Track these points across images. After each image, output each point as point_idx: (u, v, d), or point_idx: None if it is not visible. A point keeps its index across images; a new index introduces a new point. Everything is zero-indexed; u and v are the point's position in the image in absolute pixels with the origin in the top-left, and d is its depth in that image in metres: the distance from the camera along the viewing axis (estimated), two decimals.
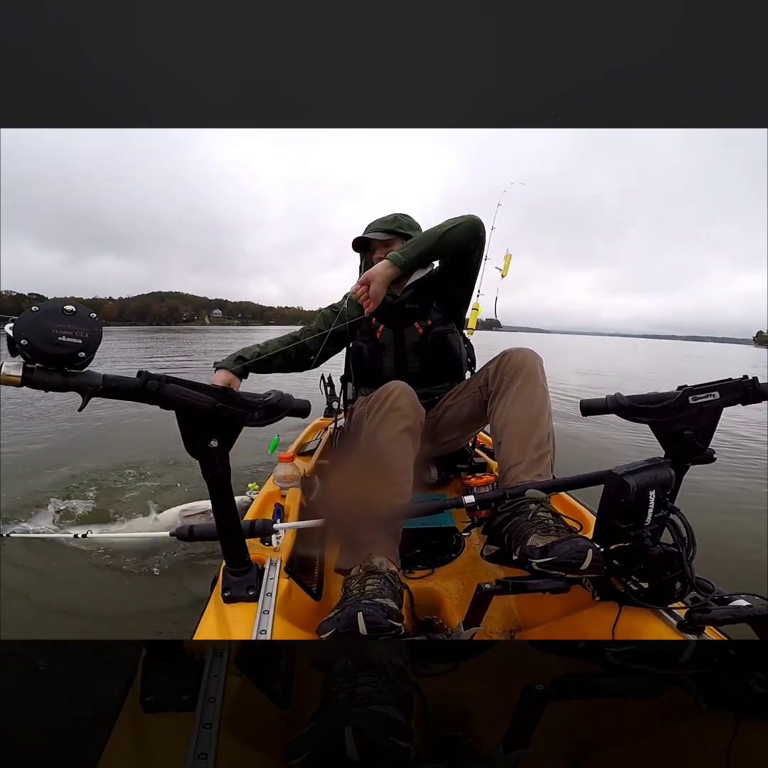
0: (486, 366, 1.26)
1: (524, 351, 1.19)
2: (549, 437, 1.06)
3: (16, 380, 0.55)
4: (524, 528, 0.81)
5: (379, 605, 0.73)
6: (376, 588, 0.78)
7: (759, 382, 0.78)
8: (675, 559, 0.70)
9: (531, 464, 1.00)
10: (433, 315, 1.46)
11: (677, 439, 0.80)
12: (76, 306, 0.57)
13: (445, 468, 1.54)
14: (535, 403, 1.09)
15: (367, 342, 1.49)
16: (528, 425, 1.06)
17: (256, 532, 0.89)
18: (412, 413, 1.10)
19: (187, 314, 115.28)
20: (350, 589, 0.81)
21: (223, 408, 0.67)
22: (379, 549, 0.89)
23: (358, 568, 0.85)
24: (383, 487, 0.99)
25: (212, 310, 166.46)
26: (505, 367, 1.17)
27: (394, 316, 1.47)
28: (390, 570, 0.84)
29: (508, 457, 1.04)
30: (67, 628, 1.39)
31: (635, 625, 0.73)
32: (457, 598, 1.10)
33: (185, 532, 0.87)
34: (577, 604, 0.87)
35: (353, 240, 1.50)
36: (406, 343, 1.46)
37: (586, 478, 0.91)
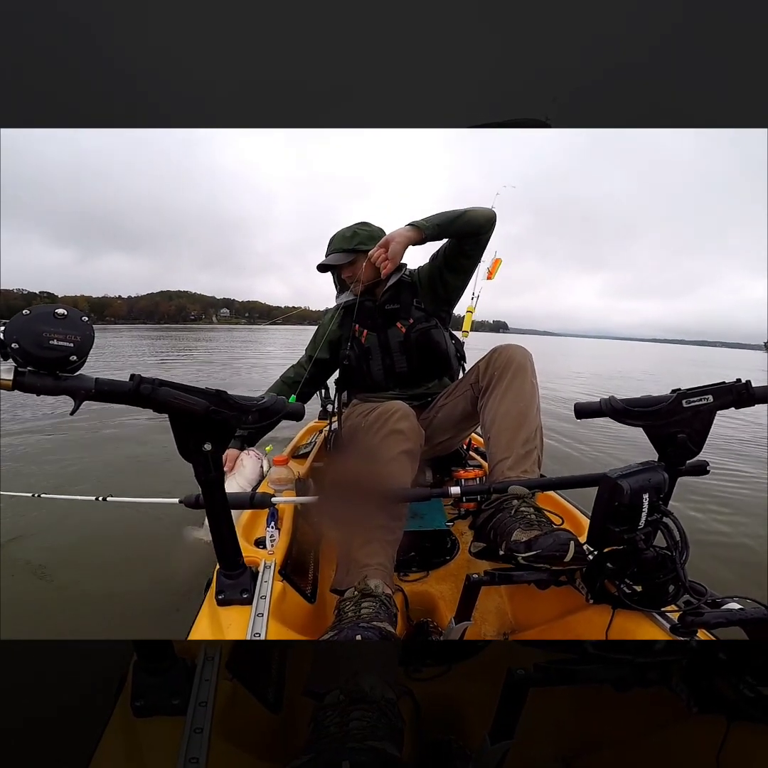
0: (477, 363, 1.27)
1: (514, 347, 1.20)
2: (537, 433, 1.08)
3: (8, 384, 0.55)
4: (508, 524, 0.83)
5: (377, 629, 0.73)
6: (373, 611, 0.78)
7: (752, 385, 0.78)
8: (668, 563, 0.70)
9: (518, 460, 1.02)
10: (415, 313, 1.47)
11: (671, 442, 0.80)
12: (68, 309, 0.57)
13: (439, 470, 1.54)
14: (523, 398, 1.11)
15: (353, 348, 1.50)
16: (516, 420, 1.08)
17: (255, 504, 0.92)
18: (412, 436, 1.11)
19: (195, 313, 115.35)
20: (345, 611, 0.80)
21: (217, 411, 0.67)
22: (374, 571, 0.88)
23: (353, 590, 0.84)
24: (379, 507, 0.99)
25: (220, 310, 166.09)
26: (495, 363, 1.19)
27: (375, 319, 1.49)
28: (386, 593, 0.84)
29: (496, 452, 1.06)
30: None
31: (628, 628, 0.73)
32: (451, 600, 1.10)
33: (192, 500, 0.87)
34: (570, 606, 0.87)
35: (317, 265, 1.54)
36: (391, 344, 1.47)
37: (574, 479, 0.92)
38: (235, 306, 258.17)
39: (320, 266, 1.54)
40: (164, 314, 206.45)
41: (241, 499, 0.92)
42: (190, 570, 1.63)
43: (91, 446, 3.58)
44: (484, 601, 1.10)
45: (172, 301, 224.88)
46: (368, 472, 1.03)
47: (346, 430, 1.48)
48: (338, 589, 0.90)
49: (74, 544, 1.93)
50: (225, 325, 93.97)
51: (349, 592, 0.85)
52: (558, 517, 0.89)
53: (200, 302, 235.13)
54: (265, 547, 0.98)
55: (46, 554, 1.85)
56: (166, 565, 1.74)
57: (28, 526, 2.04)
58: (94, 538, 1.96)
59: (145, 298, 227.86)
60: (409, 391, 1.48)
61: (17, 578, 1.69)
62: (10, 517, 2.08)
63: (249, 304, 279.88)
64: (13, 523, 2.04)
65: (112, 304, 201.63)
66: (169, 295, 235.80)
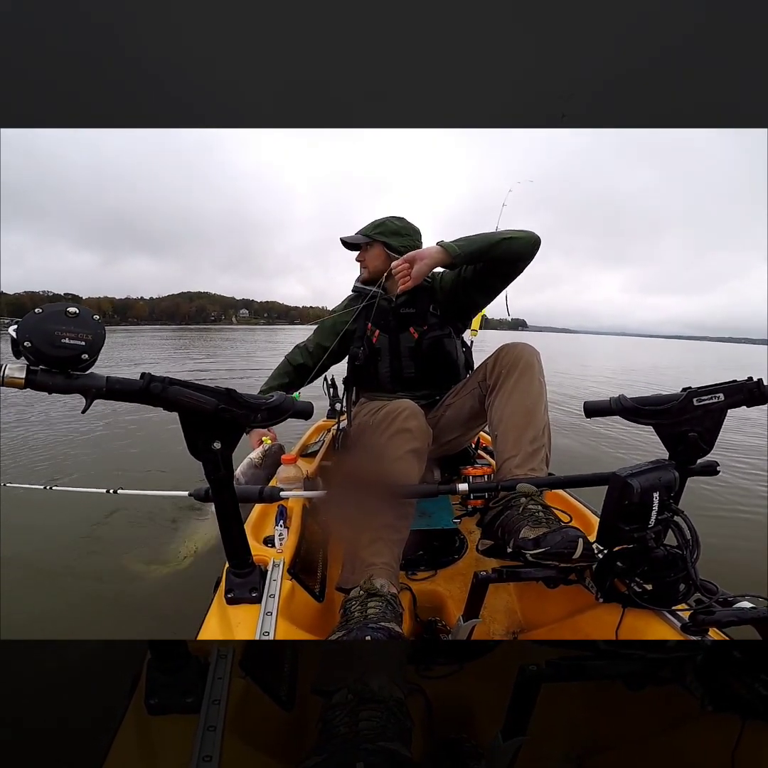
0: (485, 362, 1.26)
1: (521, 345, 1.20)
2: (544, 431, 1.08)
3: (20, 382, 0.55)
4: (516, 521, 0.83)
5: (385, 629, 0.73)
6: (379, 611, 0.78)
7: (764, 383, 0.78)
8: (679, 561, 0.70)
9: (525, 458, 1.02)
10: (430, 319, 1.45)
11: (681, 441, 0.79)
12: (80, 308, 0.57)
13: (448, 469, 1.53)
14: (531, 396, 1.10)
15: (363, 347, 1.50)
16: (524, 418, 1.07)
17: (264, 497, 0.92)
18: (420, 435, 1.10)
19: (215, 314, 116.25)
20: (351, 611, 0.80)
21: (226, 410, 0.67)
22: (379, 570, 0.88)
23: (359, 589, 0.84)
24: (386, 505, 0.99)
25: (239, 310, 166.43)
26: (502, 361, 1.18)
27: (389, 320, 1.47)
28: (391, 592, 0.84)
29: (503, 450, 1.06)
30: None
31: (639, 627, 0.73)
32: (459, 599, 1.10)
33: (202, 493, 0.87)
34: (580, 605, 0.87)
35: (340, 239, 1.56)
36: (402, 349, 1.46)
37: (582, 478, 0.92)
38: (254, 306, 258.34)
39: (342, 241, 1.57)
40: (185, 315, 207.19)
41: (250, 492, 0.92)
42: None
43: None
44: (493, 600, 1.10)
45: (192, 303, 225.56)
46: (375, 469, 1.03)
47: (354, 428, 1.47)
48: (344, 588, 0.90)
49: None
50: (244, 325, 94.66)
51: (354, 591, 0.85)
52: (566, 515, 0.89)
53: (220, 303, 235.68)
54: (274, 545, 0.98)
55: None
56: None
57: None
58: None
59: (167, 300, 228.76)
60: (416, 392, 1.47)
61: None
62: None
63: (267, 304, 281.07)
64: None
65: (135, 305, 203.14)
66: (189, 296, 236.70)
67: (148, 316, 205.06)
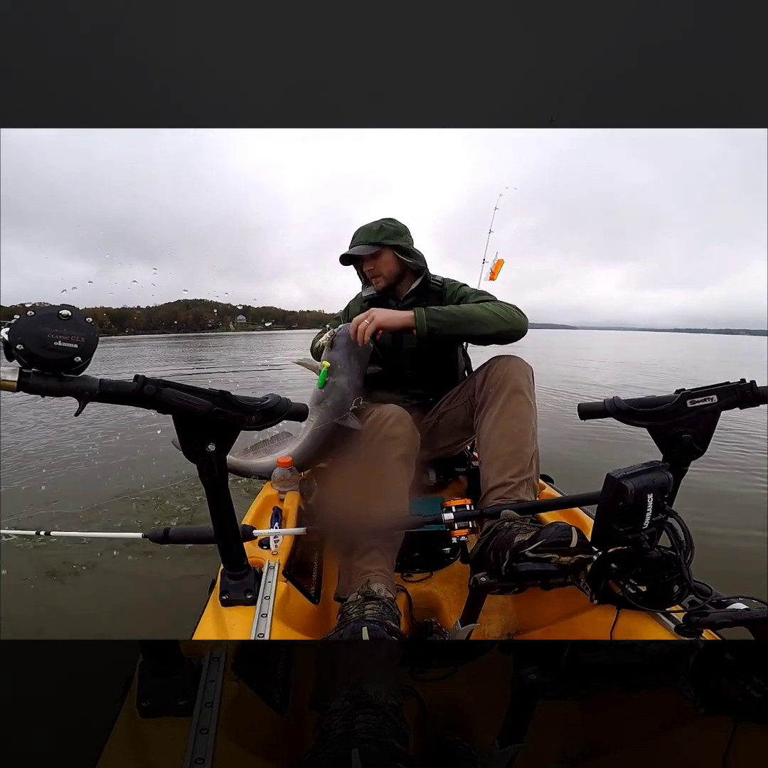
0: (474, 375, 1.25)
1: (512, 362, 1.16)
2: (532, 461, 1.05)
3: (12, 385, 0.55)
4: (507, 537, 0.81)
5: (384, 624, 0.73)
6: (377, 612, 0.78)
7: (757, 385, 0.78)
8: (673, 563, 0.70)
9: (511, 490, 0.99)
10: None
11: (675, 442, 0.80)
12: (72, 310, 0.57)
13: (443, 471, 1.54)
14: (519, 422, 1.07)
15: None
16: (509, 446, 1.05)
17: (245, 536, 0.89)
18: (407, 441, 1.09)
19: (212, 321, 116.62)
20: (349, 614, 0.80)
21: (220, 412, 0.67)
22: (376, 577, 0.88)
23: (356, 594, 0.84)
24: (377, 515, 0.99)
25: (236, 317, 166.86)
26: (491, 379, 1.16)
27: None
28: (388, 597, 0.84)
29: (488, 479, 1.04)
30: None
31: (633, 629, 0.73)
32: (455, 601, 1.10)
33: (160, 535, 0.86)
34: (575, 607, 0.87)
35: (340, 256, 1.47)
36: (403, 350, 1.46)
37: (569, 500, 0.93)
38: (252, 312, 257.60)
39: (344, 258, 1.47)
40: (182, 323, 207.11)
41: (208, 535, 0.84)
42: None
43: None
44: (488, 602, 1.09)
45: (189, 310, 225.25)
46: (360, 506, 1.01)
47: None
48: (342, 598, 0.90)
49: None
50: (242, 332, 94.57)
51: (352, 596, 0.85)
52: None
53: (217, 310, 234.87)
54: (269, 547, 0.98)
55: None
56: None
57: None
58: None
59: (163, 308, 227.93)
60: (411, 391, 1.47)
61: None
62: None
63: (264, 309, 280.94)
64: None
65: (131, 315, 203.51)
66: (186, 304, 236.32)
67: (145, 326, 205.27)
